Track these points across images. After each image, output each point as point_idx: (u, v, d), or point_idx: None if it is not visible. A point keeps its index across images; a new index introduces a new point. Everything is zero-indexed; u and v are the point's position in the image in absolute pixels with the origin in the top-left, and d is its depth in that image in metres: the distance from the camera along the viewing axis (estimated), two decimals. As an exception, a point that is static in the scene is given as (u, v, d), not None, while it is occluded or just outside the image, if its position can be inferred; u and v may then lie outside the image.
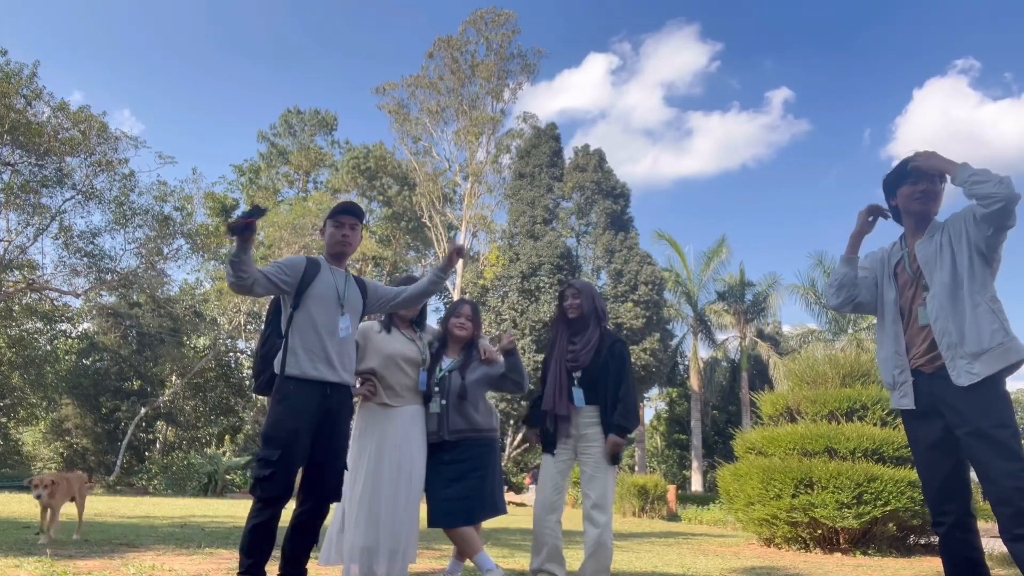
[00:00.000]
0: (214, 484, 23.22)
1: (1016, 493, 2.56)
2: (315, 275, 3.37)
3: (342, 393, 3.35)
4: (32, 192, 22.44)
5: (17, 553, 4.45)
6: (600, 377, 3.91)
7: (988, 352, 2.71)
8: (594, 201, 28.00)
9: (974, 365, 2.72)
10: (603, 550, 3.77)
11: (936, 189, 3.00)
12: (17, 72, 21.41)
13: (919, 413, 2.93)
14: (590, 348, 3.95)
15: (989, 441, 2.64)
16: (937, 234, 2.93)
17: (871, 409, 8.64)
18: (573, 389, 3.92)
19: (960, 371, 2.74)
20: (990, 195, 2.70)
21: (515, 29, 30.96)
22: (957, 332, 2.77)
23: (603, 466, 3.85)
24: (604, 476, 3.84)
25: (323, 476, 3.28)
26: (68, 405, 30.71)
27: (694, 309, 30.61)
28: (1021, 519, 2.55)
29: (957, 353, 2.76)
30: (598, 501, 3.79)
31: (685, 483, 33.25)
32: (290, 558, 3.27)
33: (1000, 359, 2.70)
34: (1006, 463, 2.60)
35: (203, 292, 33.27)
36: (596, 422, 3.90)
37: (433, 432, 3.85)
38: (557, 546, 3.88)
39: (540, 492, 3.97)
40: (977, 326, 2.74)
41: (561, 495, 3.96)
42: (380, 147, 34.54)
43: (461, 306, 4.14)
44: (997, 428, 2.64)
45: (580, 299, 4.02)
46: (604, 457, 3.85)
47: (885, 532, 7.79)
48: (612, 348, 3.96)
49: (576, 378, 3.93)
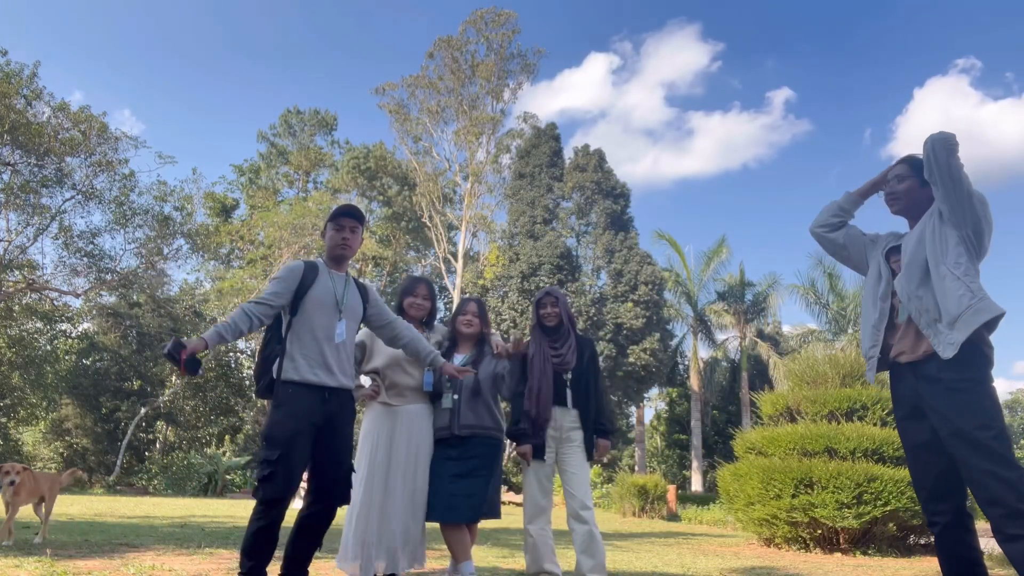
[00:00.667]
0: (214, 484, 23.23)
1: (1006, 494, 2.56)
2: (313, 280, 3.36)
3: (341, 397, 3.35)
4: (32, 192, 22.45)
5: (17, 553, 4.45)
6: (583, 378, 4.07)
7: (960, 318, 2.74)
8: (594, 201, 28.00)
9: (952, 334, 2.75)
10: (595, 543, 3.87)
11: (898, 189, 3.09)
12: (17, 72, 21.43)
13: (907, 414, 2.95)
14: (573, 351, 4.10)
15: (972, 443, 2.65)
16: (921, 222, 2.98)
17: (871, 409, 8.64)
18: (566, 390, 4.04)
19: (943, 343, 2.77)
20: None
21: (515, 29, 30.97)
22: (934, 308, 2.81)
23: (584, 464, 4.02)
24: (585, 473, 4.01)
25: (329, 480, 3.28)
26: (68, 405, 30.71)
27: (694, 309, 30.61)
28: (1013, 519, 2.56)
29: (938, 329, 2.80)
30: (583, 499, 3.94)
31: (685, 483, 33.24)
32: (293, 559, 3.27)
33: (972, 321, 2.72)
34: (991, 465, 2.60)
35: (203, 292, 33.27)
36: (578, 425, 4.04)
37: (444, 427, 3.86)
38: (550, 547, 3.93)
39: (529, 497, 4.02)
40: (944, 296, 2.78)
41: (549, 498, 4.03)
42: (380, 147, 34.56)
43: (467, 304, 4.19)
44: (979, 429, 2.63)
45: (559, 307, 4.16)
46: (583, 456, 4.01)
47: (885, 532, 7.80)
48: (592, 354, 4.18)
49: (567, 379, 4.05)
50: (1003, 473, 2.58)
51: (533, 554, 3.91)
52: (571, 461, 3.99)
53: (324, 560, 4.73)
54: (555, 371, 4.03)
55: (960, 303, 2.75)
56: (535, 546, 3.90)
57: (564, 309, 4.17)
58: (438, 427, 3.89)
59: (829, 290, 28.16)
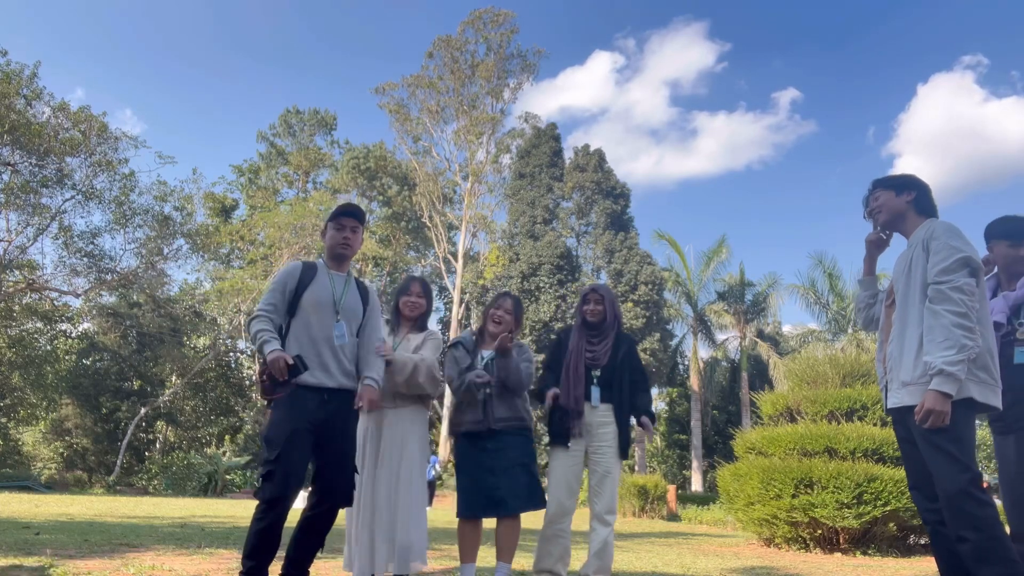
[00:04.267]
0: (214, 484, 23.25)
1: (956, 496, 2.63)
2: (311, 280, 3.34)
3: (342, 398, 3.32)
4: (32, 192, 22.46)
5: (17, 553, 4.45)
6: (615, 378, 4.02)
7: (915, 385, 2.77)
8: (594, 201, 28.01)
9: (901, 392, 2.82)
10: (608, 549, 3.87)
11: (875, 205, 3.12)
12: (18, 73, 21.44)
13: (898, 414, 3.01)
14: (608, 348, 4.06)
15: (930, 444, 2.72)
16: (911, 248, 3.00)
17: (871, 409, 8.64)
18: (592, 387, 4.00)
19: (891, 392, 2.88)
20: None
21: (514, 29, 31.00)
22: (898, 357, 2.87)
23: (615, 465, 3.96)
24: (615, 476, 3.96)
25: (332, 480, 3.28)
26: (68, 405, 30.72)
27: (694, 309, 30.61)
28: (960, 522, 2.63)
29: (894, 376, 2.88)
30: (610, 502, 3.92)
31: (685, 483, 33.25)
32: (294, 559, 3.27)
33: (923, 395, 2.72)
34: (947, 465, 2.67)
35: (203, 292, 33.26)
36: (610, 420, 3.98)
37: (479, 421, 3.82)
38: (567, 547, 3.91)
39: (553, 494, 3.96)
40: (913, 355, 2.80)
41: (574, 497, 3.98)
42: (380, 147, 34.57)
43: (504, 299, 4.10)
44: (935, 432, 2.69)
45: (603, 304, 4.12)
46: (616, 455, 3.95)
47: (885, 532, 7.80)
48: (630, 349, 4.12)
49: (595, 376, 4.02)
50: (956, 476, 2.65)
51: (548, 551, 3.88)
52: (602, 461, 3.94)
53: (324, 560, 4.73)
54: (586, 367, 4.01)
55: (924, 373, 2.80)
56: (551, 544, 3.88)
57: (610, 306, 4.13)
58: (470, 420, 3.84)
59: (829, 290, 28.17)
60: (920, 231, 2.98)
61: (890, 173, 3.28)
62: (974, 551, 2.60)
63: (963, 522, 2.62)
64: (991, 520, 2.61)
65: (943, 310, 2.69)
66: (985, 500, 2.65)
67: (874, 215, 3.16)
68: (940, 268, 2.75)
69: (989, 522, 2.61)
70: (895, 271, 3.05)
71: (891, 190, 3.09)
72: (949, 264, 2.74)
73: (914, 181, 3.09)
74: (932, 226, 2.92)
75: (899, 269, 3.01)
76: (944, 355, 2.63)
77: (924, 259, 2.86)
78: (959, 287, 2.70)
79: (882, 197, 3.11)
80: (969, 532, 2.61)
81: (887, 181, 3.14)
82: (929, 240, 2.86)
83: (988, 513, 2.63)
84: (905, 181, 3.10)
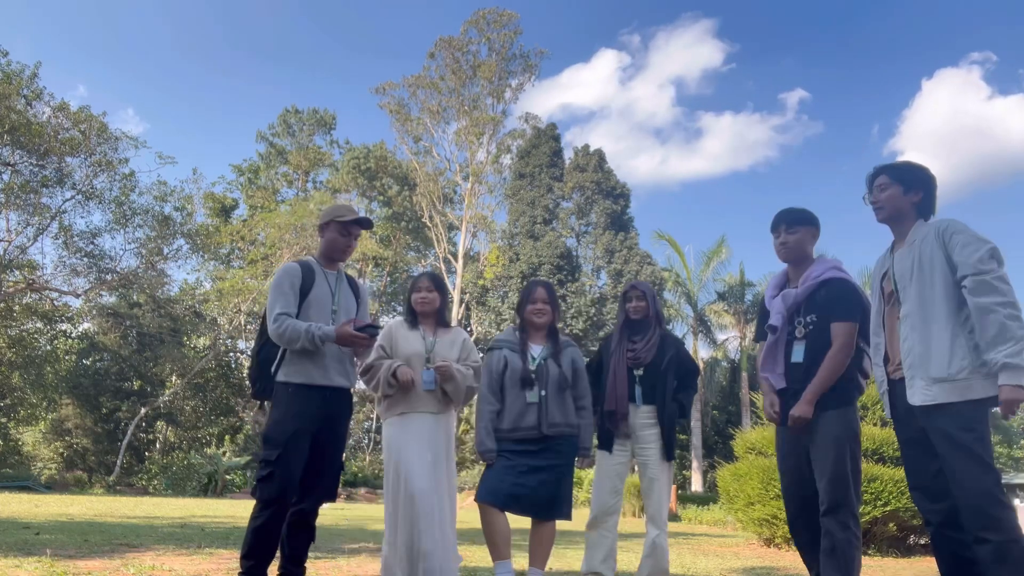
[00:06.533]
0: (214, 484, 23.25)
1: (979, 497, 2.61)
2: (312, 281, 3.37)
3: (340, 397, 3.37)
4: (32, 192, 22.47)
5: (17, 553, 4.44)
6: (659, 379, 3.92)
7: (951, 382, 2.74)
8: (594, 201, 28.01)
9: (932, 388, 2.76)
10: (658, 551, 3.85)
11: (880, 198, 3.06)
12: (18, 73, 21.45)
13: (900, 416, 3.00)
14: (651, 347, 3.96)
15: (956, 445, 2.69)
16: (915, 245, 2.95)
17: (871, 409, 8.63)
18: (635, 387, 3.93)
19: (916, 390, 2.80)
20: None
21: (517, 30, 31.02)
22: (923, 353, 2.81)
23: (663, 467, 3.89)
24: (662, 481, 3.89)
25: (319, 477, 3.30)
26: (68, 405, 30.71)
27: (694, 309, 30.59)
28: (982, 523, 2.61)
29: (917, 373, 2.81)
30: (657, 506, 3.91)
31: (685, 483, 33.21)
32: (290, 556, 3.29)
33: (959, 392, 2.72)
34: (974, 467, 2.65)
35: (203, 292, 33.27)
36: (653, 422, 3.91)
37: (532, 427, 3.65)
38: (613, 548, 3.89)
39: (597, 494, 3.93)
40: (950, 351, 2.76)
41: (618, 498, 3.94)
42: (380, 147, 34.60)
43: (535, 289, 3.91)
44: (962, 431, 2.67)
45: (645, 301, 4.04)
46: (660, 458, 3.87)
47: (885, 532, 7.79)
48: (678, 352, 4.03)
49: (637, 376, 3.94)
50: (981, 476, 2.63)
51: (594, 553, 3.87)
52: (650, 465, 3.88)
53: (325, 560, 4.74)
54: (628, 367, 3.94)
55: (961, 370, 2.78)
56: (597, 545, 3.86)
57: (652, 303, 4.04)
58: (523, 426, 3.66)
59: (829, 290, 28.14)
60: (923, 229, 2.95)
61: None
62: (995, 553, 2.58)
63: (985, 523, 2.60)
64: (1012, 522, 2.61)
65: (992, 303, 2.66)
66: (1006, 502, 2.64)
67: (875, 209, 3.10)
68: (977, 258, 2.73)
69: (1010, 524, 2.60)
70: (897, 271, 2.99)
71: (899, 185, 3.02)
72: (983, 254, 2.73)
73: (923, 179, 3.03)
74: (941, 223, 2.89)
75: (903, 268, 2.96)
76: (1005, 349, 2.63)
77: (942, 255, 2.83)
78: (1002, 276, 2.71)
79: (888, 191, 3.04)
80: (991, 534, 2.59)
81: (896, 172, 3.05)
82: (946, 235, 2.83)
83: (1009, 515, 2.62)
84: (915, 178, 3.03)
